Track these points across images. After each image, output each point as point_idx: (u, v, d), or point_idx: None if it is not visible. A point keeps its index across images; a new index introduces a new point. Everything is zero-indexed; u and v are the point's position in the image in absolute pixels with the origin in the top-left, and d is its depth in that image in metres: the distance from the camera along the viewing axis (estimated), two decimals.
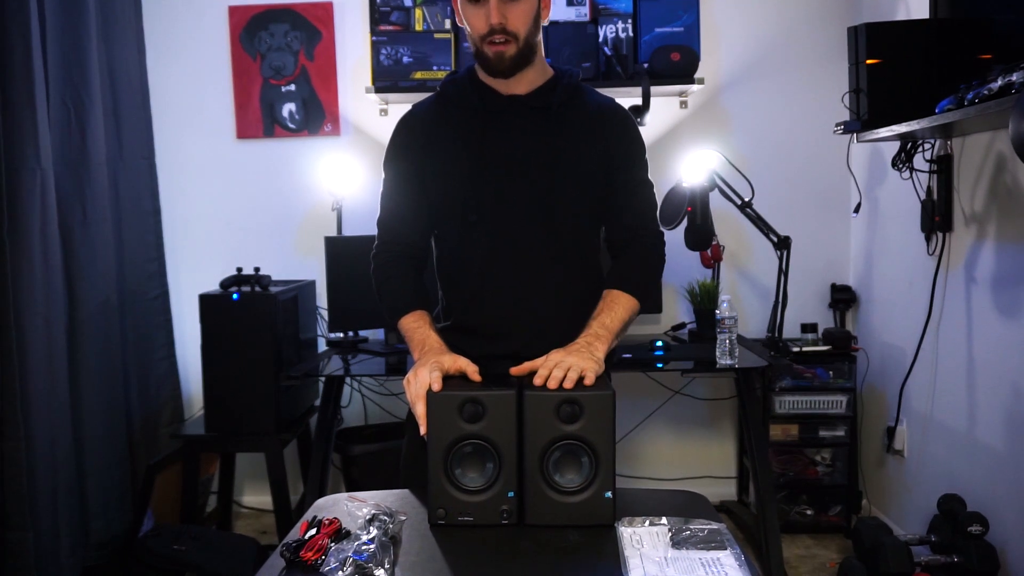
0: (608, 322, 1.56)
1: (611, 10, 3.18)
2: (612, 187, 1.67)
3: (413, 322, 1.61)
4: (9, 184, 2.41)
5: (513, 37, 1.55)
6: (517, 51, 1.57)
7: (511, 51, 1.56)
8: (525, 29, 1.57)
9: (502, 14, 1.53)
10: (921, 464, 2.82)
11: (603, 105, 1.71)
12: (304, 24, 3.38)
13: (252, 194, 3.44)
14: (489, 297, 1.64)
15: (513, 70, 1.59)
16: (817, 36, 3.31)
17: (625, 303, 1.61)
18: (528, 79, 1.64)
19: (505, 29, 1.54)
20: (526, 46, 1.58)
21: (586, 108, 1.68)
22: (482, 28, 1.56)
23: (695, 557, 1.20)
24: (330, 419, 2.85)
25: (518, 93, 1.64)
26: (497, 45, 1.56)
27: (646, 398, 3.42)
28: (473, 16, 1.57)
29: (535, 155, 1.62)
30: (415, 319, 1.61)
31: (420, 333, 1.58)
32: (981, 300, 2.42)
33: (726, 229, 3.23)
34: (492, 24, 1.54)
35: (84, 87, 2.78)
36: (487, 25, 1.54)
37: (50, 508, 2.51)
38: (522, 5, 1.55)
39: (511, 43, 1.56)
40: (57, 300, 2.60)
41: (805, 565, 2.90)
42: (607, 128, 1.67)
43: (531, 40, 1.59)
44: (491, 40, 1.56)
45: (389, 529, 1.26)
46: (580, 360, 1.41)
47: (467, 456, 1.34)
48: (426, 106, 1.72)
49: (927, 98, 2.23)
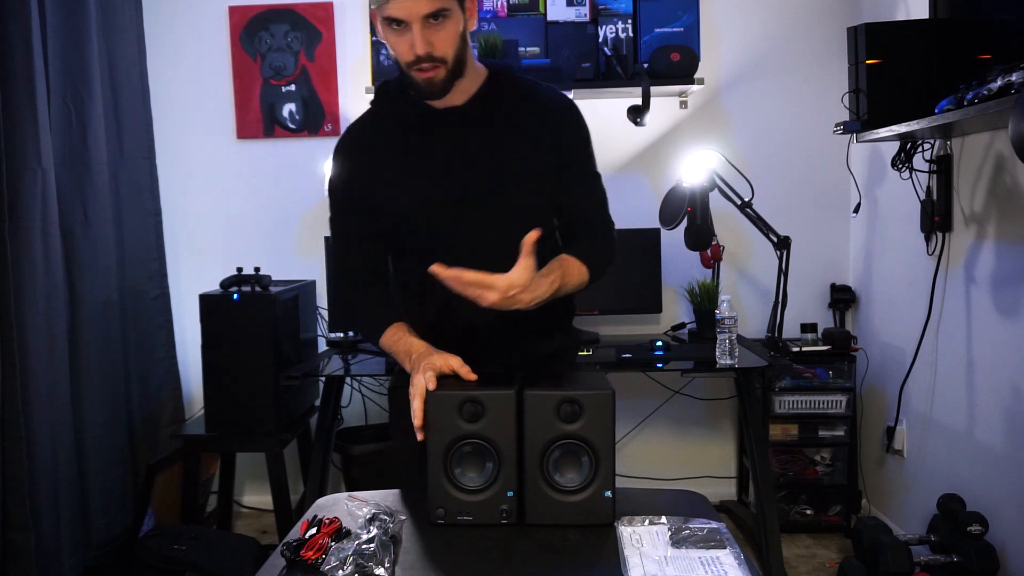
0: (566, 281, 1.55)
1: (611, 10, 3.19)
2: (564, 182, 1.62)
3: (392, 335, 1.58)
4: (10, 184, 2.41)
5: (441, 62, 1.45)
6: (447, 73, 1.47)
7: (441, 75, 1.46)
8: (454, 51, 1.46)
9: (427, 41, 1.42)
10: (921, 464, 2.82)
11: (549, 100, 1.62)
12: (304, 24, 3.38)
13: (252, 194, 3.44)
14: (457, 310, 1.54)
15: (445, 92, 1.50)
16: (817, 36, 3.31)
17: (578, 273, 1.59)
18: (462, 88, 1.54)
19: (432, 56, 1.43)
20: (456, 65, 1.48)
21: (531, 106, 1.60)
22: (408, 56, 1.44)
23: (695, 556, 1.20)
24: (330, 419, 2.85)
25: (455, 104, 1.55)
26: (426, 72, 1.45)
27: (646, 398, 3.42)
28: (396, 43, 1.45)
29: (486, 164, 1.56)
30: (393, 332, 1.58)
31: (403, 344, 1.55)
32: (981, 300, 2.42)
33: (726, 229, 3.24)
34: (418, 54, 1.42)
35: (84, 87, 2.78)
36: (413, 54, 1.43)
37: (51, 508, 2.51)
38: (447, 28, 1.44)
39: (440, 68, 1.45)
40: (58, 300, 2.60)
41: (805, 565, 2.90)
42: (555, 124, 1.60)
43: (461, 57, 1.48)
44: (419, 68, 1.45)
45: (389, 528, 1.26)
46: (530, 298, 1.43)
47: (467, 456, 1.34)
48: (364, 123, 1.64)
49: (927, 98, 2.23)
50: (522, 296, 1.43)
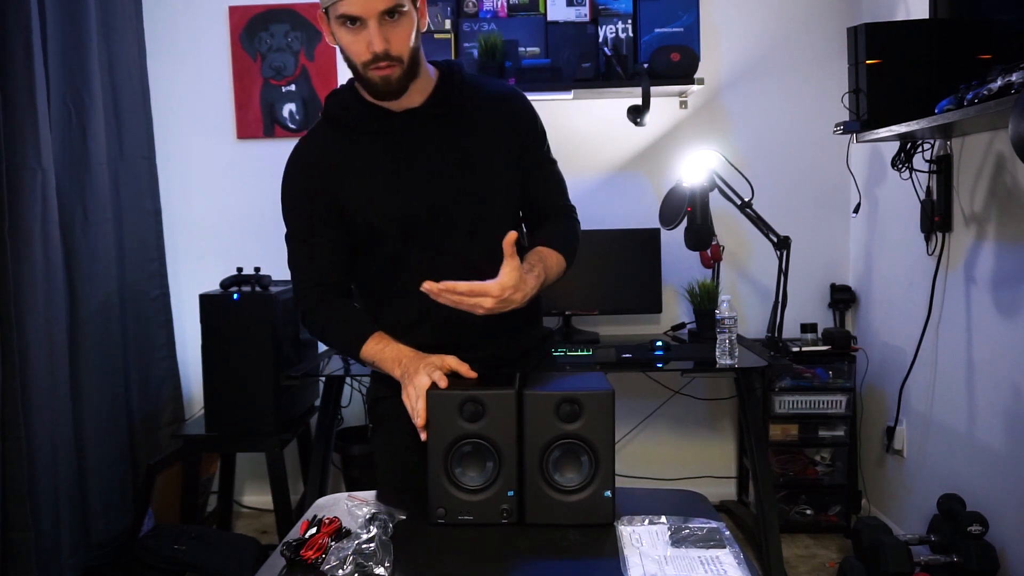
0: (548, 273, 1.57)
1: (611, 10, 3.19)
2: (526, 171, 1.64)
3: (376, 344, 1.53)
4: (10, 184, 2.41)
5: (398, 60, 1.45)
6: (403, 72, 1.47)
7: (397, 73, 1.46)
8: (408, 50, 1.46)
9: (384, 39, 1.43)
10: (921, 464, 2.82)
11: (498, 93, 1.65)
12: (304, 24, 3.38)
13: (252, 194, 3.44)
14: (432, 313, 1.54)
15: (401, 91, 1.50)
16: (817, 36, 3.31)
17: (557, 264, 1.61)
18: (418, 88, 1.54)
19: (388, 54, 1.44)
20: (411, 65, 1.48)
21: (483, 102, 1.61)
22: (364, 55, 1.45)
23: (694, 556, 1.20)
24: (330, 419, 2.85)
25: (412, 106, 1.55)
26: (382, 70, 1.46)
27: (646, 398, 3.42)
28: (351, 42, 1.45)
29: (447, 166, 1.56)
30: (376, 342, 1.54)
31: (391, 350, 1.51)
32: (981, 300, 2.42)
33: (726, 229, 3.24)
34: (375, 51, 1.43)
35: (85, 87, 2.78)
36: (369, 52, 1.43)
37: (51, 508, 2.52)
38: (403, 25, 1.44)
39: (396, 66, 1.46)
40: (58, 300, 2.60)
41: (805, 565, 2.90)
42: (510, 115, 1.63)
43: (415, 56, 1.49)
44: (375, 66, 1.45)
45: (389, 528, 1.27)
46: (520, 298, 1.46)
47: (467, 455, 1.34)
48: (318, 135, 1.61)
49: (927, 98, 2.23)
50: (514, 296, 1.45)
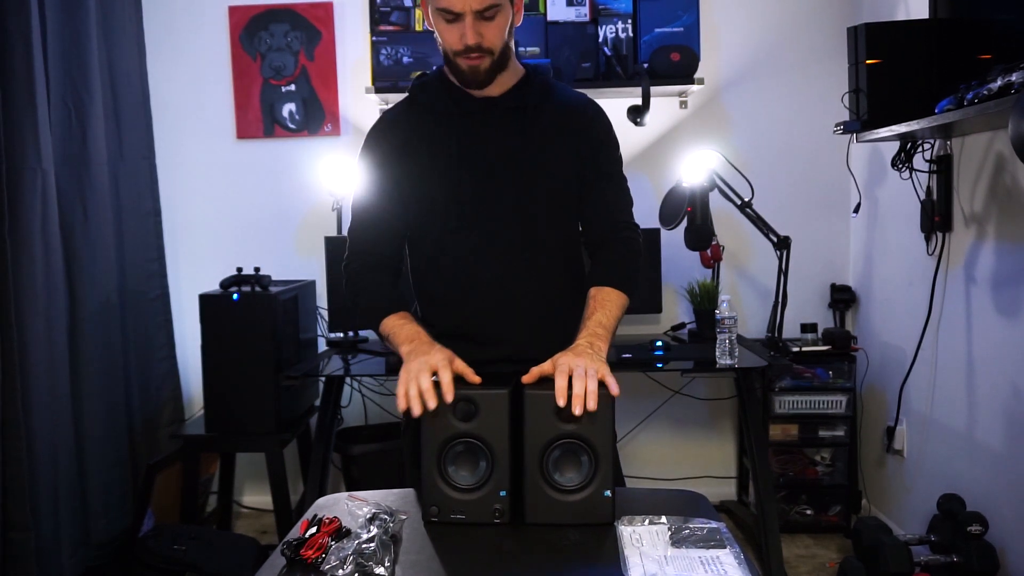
0: (604, 320, 1.54)
1: (611, 10, 3.19)
2: (587, 183, 1.66)
3: (398, 319, 1.56)
4: (10, 184, 2.41)
5: (488, 53, 1.53)
6: (492, 63, 1.55)
7: (486, 64, 1.55)
8: (500, 44, 1.54)
9: (478, 32, 1.51)
10: (921, 464, 2.82)
11: (574, 101, 1.69)
12: (304, 24, 3.38)
13: (252, 194, 3.44)
14: (476, 302, 1.61)
15: (488, 82, 1.58)
16: (817, 36, 3.31)
17: (616, 299, 1.60)
18: (501, 81, 1.61)
19: (480, 47, 1.52)
20: (501, 57, 1.56)
21: (558, 105, 1.66)
22: (457, 45, 1.53)
23: (694, 556, 1.20)
24: (330, 419, 2.85)
25: (491, 95, 1.62)
26: (472, 60, 1.54)
27: (646, 398, 3.42)
28: (447, 32, 1.53)
29: (512, 156, 1.61)
30: (399, 317, 1.57)
31: (409, 328, 1.53)
32: (981, 300, 2.42)
33: (726, 229, 3.24)
34: (468, 44, 1.51)
35: (84, 87, 2.78)
36: (462, 44, 1.51)
37: (51, 508, 2.52)
38: (497, 21, 1.52)
39: (486, 57, 1.54)
40: (58, 300, 2.60)
41: (805, 565, 2.90)
42: (579, 124, 1.66)
43: (506, 50, 1.57)
44: (466, 56, 1.53)
45: (389, 528, 1.26)
46: (591, 362, 1.37)
47: (460, 454, 1.34)
48: (398, 112, 1.69)
49: (927, 98, 2.23)
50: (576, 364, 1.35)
